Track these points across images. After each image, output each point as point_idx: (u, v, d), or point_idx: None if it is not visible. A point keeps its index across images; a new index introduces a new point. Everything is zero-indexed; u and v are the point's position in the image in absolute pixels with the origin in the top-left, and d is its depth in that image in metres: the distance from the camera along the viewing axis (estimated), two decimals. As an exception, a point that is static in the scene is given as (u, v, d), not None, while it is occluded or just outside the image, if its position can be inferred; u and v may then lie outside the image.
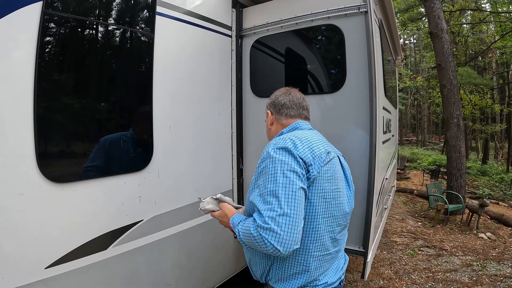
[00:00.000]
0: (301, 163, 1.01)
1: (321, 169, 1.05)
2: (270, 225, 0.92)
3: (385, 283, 3.33)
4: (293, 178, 0.97)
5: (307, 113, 1.30)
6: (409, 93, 27.02)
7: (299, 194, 0.97)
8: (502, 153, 17.98)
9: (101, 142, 1.47)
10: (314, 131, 1.25)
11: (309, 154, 1.05)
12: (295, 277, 1.06)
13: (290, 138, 1.08)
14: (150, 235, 1.63)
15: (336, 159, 1.18)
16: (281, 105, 1.26)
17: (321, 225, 1.06)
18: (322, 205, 1.06)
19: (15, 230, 1.17)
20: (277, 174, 0.98)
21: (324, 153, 1.09)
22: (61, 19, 1.26)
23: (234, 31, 2.21)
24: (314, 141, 1.12)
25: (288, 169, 0.98)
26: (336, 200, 1.11)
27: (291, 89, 1.31)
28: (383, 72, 2.34)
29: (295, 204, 0.95)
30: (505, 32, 11.64)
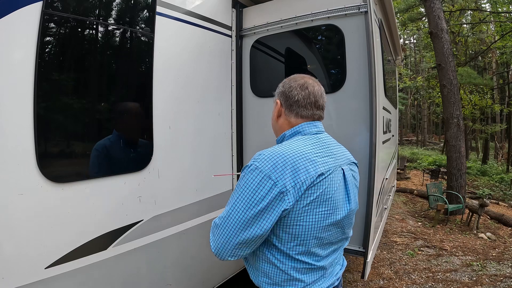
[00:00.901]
0: (273, 190, 0.91)
1: (301, 197, 0.94)
2: (212, 230, 1.00)
3: (385, 283, 3.33)
4: (252, 201, 0.92)
5: (321, 112, 1.14)
6: (409, 93, 27.02)
7: (250, 221, 0.92)
8: (502, 153, 17.99)
9: (101, 142, 1.47)
10: (317, 135, 1.10)
11: (289, 179, 0.92)
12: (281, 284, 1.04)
13: (271, 156, 0.95)
14: (150, 235, 1.63)
15: (337, 175, 1.05)
16: (293, 101, 1.10)
17: (301, 245, 0.99)
18: (303, 227, 0.97)
19: (15, 230, 1.17)
20: (239, 191, 0.95)
21: (311, 177, 0.95)
22: (61, 19, 1.26)
23: (234, 31, 2.21)
24: (306, 159, 0.97)
25: (252, 192, 0.92)
26: (323, 222, 1.00)
27: (308, 80, 1.13)
28: (383, 72, 2.34)
29: (243, 229, 0.93)
30: (505, 32, 11.64)
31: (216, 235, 0.97)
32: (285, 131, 1.13)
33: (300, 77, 1.14)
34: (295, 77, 1.15)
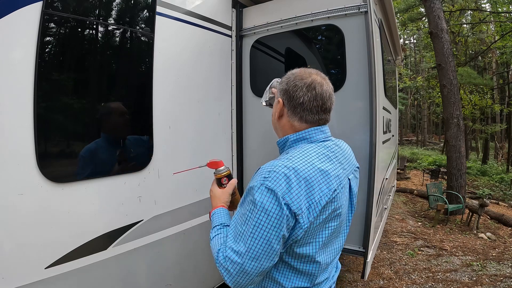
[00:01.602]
0: (288, 215, 0.85)
1: (317, 217, 0.90)
2: (228, 267, 0.88)
3: (385, 283, 3.33)
4: (269, 231, 0.85)
5: (328, 115, 1.03)
6: (409, 93, 27.02)
7: (268, 250, 0.86)
8: (502, 153, 17.99)
9: (101, 142, 1.47)
10: (326, 143, 1.01)
11: (304, 201, 0.87)
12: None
13: (285, 172, 0.86)
14: (150, 235, 1.63)
15: (345, 188, 1.01)
16: (298, 103, 0.98)
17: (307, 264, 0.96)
18: (312, 246, 0.94)
19: (15, 230, 1.17)
20: (253, 219, 0.86)
21: (326, 196, 0.91)
22: (61, 19, 1.26)
23: (234, 31, 2.21)
24: (321, 175, 0.91)
25: (267, 221, 0.84)
26: (333, 238, 1.00)
27: (317, 78, 1.00)
28: (383, 72, 2.34)
29: (260, 260, 0.86)
30: (505, 32, 11.64)
31: (235, 270, 0.87)
32: (289, 135, 1.02)
33: (307, 74, 1.01)
34: (301, 74, 1.01)
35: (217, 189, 1.21)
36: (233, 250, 0.88)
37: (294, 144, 1.01)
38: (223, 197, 1.17)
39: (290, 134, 1.02)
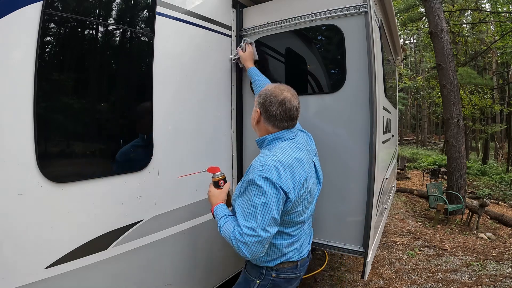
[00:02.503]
0: (282, 194, 1.21)
1: (299, 192, 1.28)
2: (246, 241, 1.19)
3: (385, 283, 3.33)
4: (271, 207, 1.19)
5: (295, 121, 1.39)
6: (409, 93, 27.03)
7: (272, 222, 1.20)
8: (502, 153, 17.99)
9: (101, 142, 1.47)
10: (295, 140, 1.38)
11: (290, 183, 1.24)
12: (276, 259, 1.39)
13: (275, 164, 1.22)
14: (150, 235, 1.63)
15: (312, 168, 1.41)
16: (271, 115, 1.33)
17: (292, 226, 1.36)
18: (295, 214, 1.32)
19: (15, 230, 1.17)
20: (258, 202, 1.19)
21: (303, 177, 1.29)
22: (61, 19, 1.26)
23: (234, 31, 2.21)
24: (298, 163, 1.29)
25: (268, 200, 1.19)
26: (307, 205, 1.38)
27: (287, 96, 1.33)
28: (383, 72, 2.34)
29: (268, 229, 1.20)
30: (505, 32, 11.64)
31: (251, 241, 1.19)
32: (266, 135, 1.38)
33: (279, 91, 1.34)
34: (274, 92, 1.34)
35: (215, 190, 1.53)
36: (246, 227, 1.20)
37: (271, 143, 1.37)
38: (221, 196, 1.50)
39: (267, 135, 1.38)
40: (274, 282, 1.40)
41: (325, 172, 1.94)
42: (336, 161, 1.92)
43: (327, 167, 1.94)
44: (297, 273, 1.45)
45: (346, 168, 1.89)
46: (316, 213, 1.97)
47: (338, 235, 1.94)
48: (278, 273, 1.39)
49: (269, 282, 1.40)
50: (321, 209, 1.98)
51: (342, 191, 1.91)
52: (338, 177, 1.92)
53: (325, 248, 1.99)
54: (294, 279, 1.45)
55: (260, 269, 1.41)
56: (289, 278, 1.43)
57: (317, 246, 2.01)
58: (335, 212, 1.94)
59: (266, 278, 1.40)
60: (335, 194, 1.93)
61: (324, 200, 1.97)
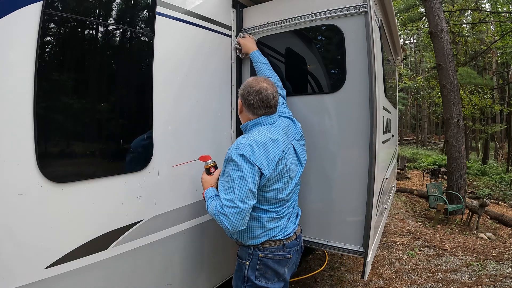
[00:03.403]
0: (256, 168, 1.34)
1: (274, 169, 1.40)
2: (225, 212, 1.33)
3: (385, 283, 3.33)
4: (247, 180, 1.32)
5: (274, 108, 1.53)
6: (409, 93, 27.02)
7: (249, 194, 1.34)
8: (502, 153, 18.00)
9: (101, 142, 1.47)
10: (274, 124, 1.53)
11: (264, 159, 1.37)
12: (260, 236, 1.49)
13: (249, 143, 1.37)
14: (150, 235, 1.63)
15: (290, 150, 1.53)
16: (250, 104, 1.49)
17: (273, 204, 1.47)
18: (274, 192, 1.45)
19: (15, 230, 1.16)
20: (235, 176, 1.33)
21: (278, 155, 1.42)
22: (61, 19, 1.26)
23: (234, 31, 2.21)
24: (272, 142, 1.42)
25: (244, 174, 1.33)
26: (287, 184, 1.50)
27: (263, 85, 1.48)
28: (383, 72, 2.34)
29: (245, 201, 1.33)
30: (505, 32, 11.64)
31: (230, 212, 1.32)
32: (248, 121, 1.55)
33: (256, 82, 1.50)
34: (252, 83, 1.50)
35: (206, 176, 1.65)
36: (225, 199, 1.34)
37: (252, 128, 1.53)
38: (212, 181, 1.60)
39: (249, 121, 1.55)
40: (262, 261, 1.47)
41: (325, 172, 1.95)
42: (336, 161, 1.92)
43: (327, 167, 1.95)
44: (285, 254, 1.51)
45: (346, 168, 1.89)
46: (316, 213, 1.98)
47: (338, 235, 1.94)
48: (265, 253, 1.47)
49: (257, 262, 1.48)
50: (321, 209, 1.98)
51: (342, 191, 1.91)
52: (338, 176, 1.92)
53: (325, 248, 1.99)
54: (283, 260, 1.51)
55: (248, 249, 1.50)
56: (277, 259, 1.49)
57: (317, 246, 2.01)
58: (335, 212, 1.94)
59: (254, 259, 1.48)
60: (335, 194, 1.93)
61: (324, 200, 1.97)
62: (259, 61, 2.00)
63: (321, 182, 1.96)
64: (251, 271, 1.48)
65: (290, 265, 1.57)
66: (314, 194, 1.98)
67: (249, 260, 1.49)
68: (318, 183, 1.96)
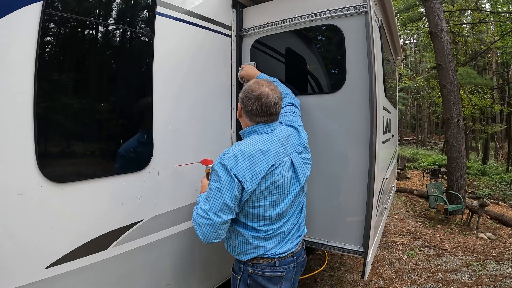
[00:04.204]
0: (235, 181, 1.23)
1: (259, 184, 1.27)
2: (199, 221, 1.26)
3: (385, 283, 3.33)
4: (223, 193, 1.23)
5: (274, 116, 1.41)
6: (409, 93, 27.02)
7: (224, 207, 1.24)
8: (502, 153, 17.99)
9: (101, 142, 1.47)
10: (271, 133, 1.39)
11: (247, 172, 1.24)
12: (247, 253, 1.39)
13: (235, 153, 1.26)
14: (150, 235, 1.63)
15: (286, 164, 1.37)
16: (248, 110, 1.38)
17: (260, 221, 1.35)
18: (261, 208, 1.32)
19: (15, 230, 1.17)
20: (214, 186, 1.25)
21: (264, 169, 1.28)
22: (61, 19, 1.26)
23: (234, 31, 2.21)
24: (261, 154, 1.29)
25: (222, 186, 1.23)
26: (278, 201, 1.36)
27: (264, 90, 1.36)
28: (383, 72, 2.34)
29: (219, 214, 1.24)
30: (505, 32, 11.64)
31: (203, 223, 1.25)
32: (245, 128, 1.44)
33: (257, 86, 1.38)
34: (252, 87, 1.38)
35: (205, 181, 1.60)
36: (201, 208, 1.28)
37: (249, 135, 1.42)
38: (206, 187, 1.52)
39: (246, 127, 1.44)
40: (252, 278, 1.39)
41: (325, 172, 1.95)
42: (336, 161, 1.92)
43: (327, 167, 1.95)
44: (277, 271, 1.40)
45: (346, 168, 1.89)
46: (316, 213, 1.98)
47: (338, 235, 1.94)
48: (255, 269, 1.38)
49: (248, 278, 1.40)
50: (321, 209, 1.98)
51: (342, 191, 1.91)
52: (338, 176, 1.92)
53: (325, 248, 1.99)
54: (276, 277, 1.40)
55: (240, 264, 1.43)
56: (268, 276, 1.38)
57: (317, 246, 2.01)
58: (335, 212, 1.94)
59: (245, 274, 1.40)
60: (335, 194, 1.93)
61: (324, 200, 1.97)
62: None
63: (321, 182, 1.96)
64: (243, 285, 1.42)
65: (285, 282, 1.43)
66: (314, 194, 1.98)
67: (240, 275, 1.43)
68: (318, 183, 1.96)
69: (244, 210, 1.33)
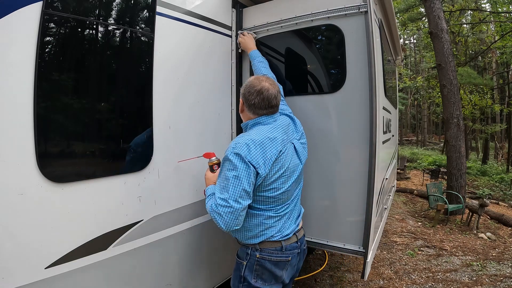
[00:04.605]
0: (251, 168, 1.32)
1: (271, 168, 1.38)
2: (219, 211, 1.32)
3: (385, 283, 3.33)
4: (241, 180, 1.31)
5: (276, 108, 1.52)
6: (409, 93, 27.03)
7: (243, 193, 1.32)
8: (502, 153, 17.99)
9: (101, 142, 1.47)
10: (274, 123, 1.51)
11: (260, 159, 1.35)
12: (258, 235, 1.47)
13: (246, 142, 1.35)
14: (150, 235, 1.63)
15: (290, 149, 1.51)
16: (251, 104, 1.48)
17: (271, 203, 1.45)
18: (271, 191, 1.42)
19: (15, 230, 1.17)
20: (230, 175, 1.32)
21: (275, 155, 1.39)
22: (61, 19, 1.26)
23: (234, 31, 2.21)
24: (270, 141, 1.40)
25: (239, 173, 1.31)
26: (285, 183, 1.47)
27: (265, 85, 1.47)
28: (383, 72, 2.34)
29: (239, 200, 1.31)
30: (505, 32, 11.64)
31: (224, 212, 1.31)
32: (249, 120, 1.54)
33: (257, 82, 1.49)
34: (253, 83, 1.49)
35: (210, 173, 1.65)
36: (220, 198, 1.33)
37: (253, 126, 1.52)
38: (214, 179, 1.57)
39: (249, 120, 1.54)
40: (259, 263, 1.46)
41: (325, 172, 1.95)
42: (336, 160, 1.92)
43: (327, 167, 1.95)
44: (283, 256, 1.48)
45: (346, 168, 1.89)
46: (316, 212, 1.98)
47: (338, 235, 1.94)
48: (262, 254, 1.45)
49: (254, 263, 1.46)
50: (321, 209, 1.98)
51: (342, 191, 1.91)
52: (338, 176, 1.92)
53: (325, 248, 1.99)
54: (281, 262, 1.47)
55: (246, 249, 1.49)
56: (275, 261, 1.46)
57: (317, 246, 2.01)
58: (335, 212, 1.94)
59: (252, 259, 1.47)
60: (335, 193, 1.93)
61: (324, 200, 1.97)
62: (256, 59, 2.01)
63: (321, 182, 1.96)
64: (248, 271, 1.47)
65: (289, 268, 1.53)
66: (314, 194, 1.98)
67: (246, 260, 1.48)
68: (318, 183, 1.96)
69: (256, 194, 1.41)
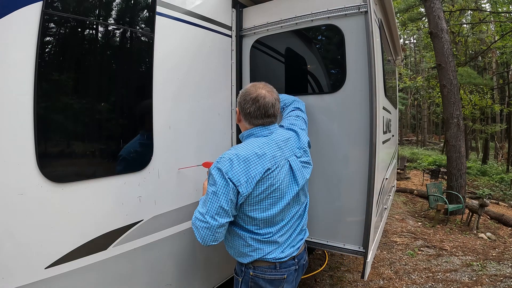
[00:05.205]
0: (230, 185, 1.23)
1: (254, 188, 1.27)
2: (196, 225, 1.28)
3: (385, 283, 3.33)
4: (219, 197, 1.23)
5: (273, 118, 1.42)
6: (409, 93, 27.03)
7: (220, 211, 1.24)
8: (502, 153, 17.99)
9: (101, 142, 1.47)
10: (269, 137, 1.39)
11: (243, 176, 1.24)
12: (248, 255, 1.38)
13: (230, 157, 1.26)
14: (150, 235, 1.63)
15: (283, 167, 1.36)
16: (247, 113, 1.39)
17: (256, 225, 1.34)
18: (256, 212, 1.32)
19: (15, 230, 1.17)
20: (210, 190, 1.26)
21: (260, 173, 1.27)
22: (61, 19, 1.26)
23: (234, 31, 2.21)
24: (257, 158, 1.28)
25: (217, 190, 1.23)
26: (274, 205, 1.34)
27: (261, 92, 1.37)
28: (383, 72, 2.34)
29: (215, 217, 1.24)
30: (505, 32, 11.65)
31: (200, 226, 1.26)
32: (244, 132, 1.45)
33: (254, 89, 1.39)
34: (249, 90, 1.39)
35: (206, 183, 1.52)
36: (199, 212, 1.29)
37: (246, 138, 1.42)
38: None
39: (245, 131, 1.44)
40: (253, 280, 1.40)
41: (325, 172, 1.95)
42: (336, 161, 1.92)
43: (326, 167, 1.95)
44: (278, 274, 1.39)
45: (346, 168, 1.89)
46: (316, 213, 1.98)
47: (338, 235, 1.94)
48: (256, 272, 1.39)
49: (249, 280, 1.40)
50: (321, 209, 1.98)
51: (342, 191, 1.91)
52: (338, 176, 1.92)
53: (325, 248, 1.99)
54: (277, 280, 1.40)
55: (241, 267, 1.44)
56: (269, 279, 1.39)
57: (317, 246, 2.01)
58: (335, 212, 1.94)
59: (246, 276, 1.41)
60: (335, 194, 1.93)
61: (324, 200, 1.97)
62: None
63: (321, 182, 1.96)
64: (245, 287, 1.43)
65: (286, 284, 1.44)
66: (313, 194, 1.98)
67: (241, 277, 1.43)
68: (318, 183, 1.96)
69: (241, 213, 1.33)
